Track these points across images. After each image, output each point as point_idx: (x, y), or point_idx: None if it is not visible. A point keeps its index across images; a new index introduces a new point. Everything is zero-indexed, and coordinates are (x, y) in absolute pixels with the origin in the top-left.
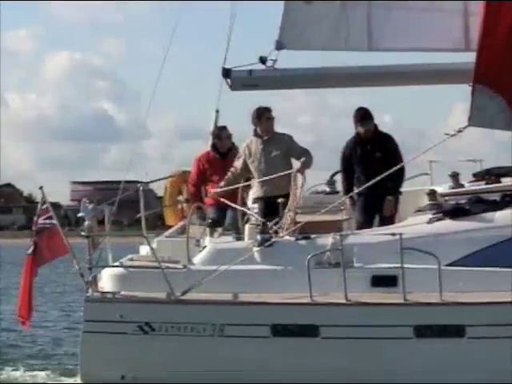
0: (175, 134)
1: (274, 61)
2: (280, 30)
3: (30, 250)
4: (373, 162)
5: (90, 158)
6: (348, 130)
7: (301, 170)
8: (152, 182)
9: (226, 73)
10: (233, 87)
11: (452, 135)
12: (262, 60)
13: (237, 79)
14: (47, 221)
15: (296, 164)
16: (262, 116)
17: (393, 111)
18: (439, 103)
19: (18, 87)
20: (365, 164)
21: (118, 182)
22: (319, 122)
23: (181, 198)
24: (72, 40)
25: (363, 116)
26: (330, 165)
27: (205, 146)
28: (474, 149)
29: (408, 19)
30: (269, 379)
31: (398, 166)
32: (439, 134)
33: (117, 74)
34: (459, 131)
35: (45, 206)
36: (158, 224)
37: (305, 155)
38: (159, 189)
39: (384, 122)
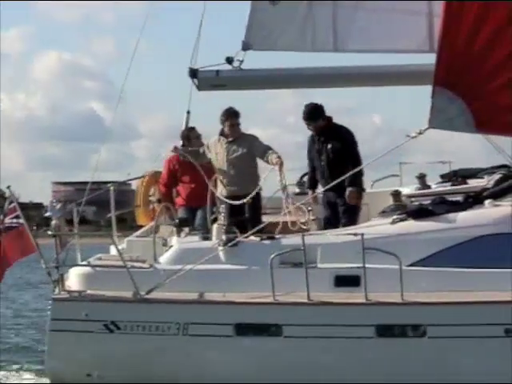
0: (165, 134)
1: (241, 61)
2: (246, 31)
3: None
4: (325, 155)
5: (80, 158)
6: None
7: (277, 161)
8: (124, 182)
9: (193, 73)
10: (200, 87)
11: (413, 137)
12: (229, 60)
13: (204, 79)
14: (14, 220)
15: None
16: (227, 120)
17: (382, 112)
18: (429, 104)
19: (7, 87)
20: (319, 158)
21: (100, 183)
22: None
23: (152, 198)
24: (61, 40)
25: (305, 117)
26: None
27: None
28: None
29: (373, 21)
30: (232, 378)
31: (363, 165)
32: (429, 135)
33: (106, 74)
34: (420, 133)
35: (12, 205)
36: (133, 225)
37: (271, 151)
38: None
39: (373, 122)
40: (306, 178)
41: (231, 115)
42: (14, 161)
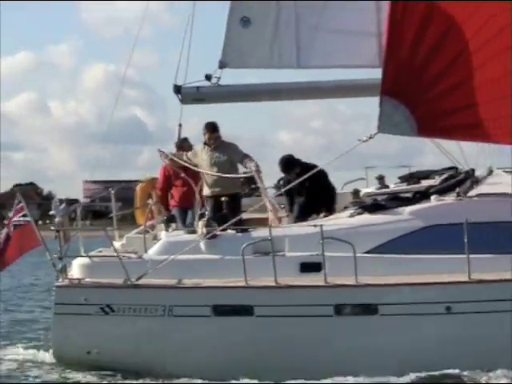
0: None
1: (218, 78)
2: (222, 51)
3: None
4: (304, 193)
5: (125, 159)
6: (355, 133)
7: (256, 171)
8: (130, 182)
9: (177, 89)
10: (183, 102)
11: (364, 141)
12: (208, 77)
13: (186, 95)
14: (21, 218)
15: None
16: (206, 133)
17: None
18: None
19: (60, 96)
20: (299, 194)
21: (125, 181)
22: (330, 127)
23: (150, 201)
24: (106, 53)
25: (282, 170)
26: (339, 166)
27: None
28: None
29: (331, 41)
30: (212, 354)
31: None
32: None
33: (147, 84)
34: (370, 137)
35: (20, 206)
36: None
37: (248, 158)
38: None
39: None
40: (281, 182)
41: (209, 129)
42: (66, 163)
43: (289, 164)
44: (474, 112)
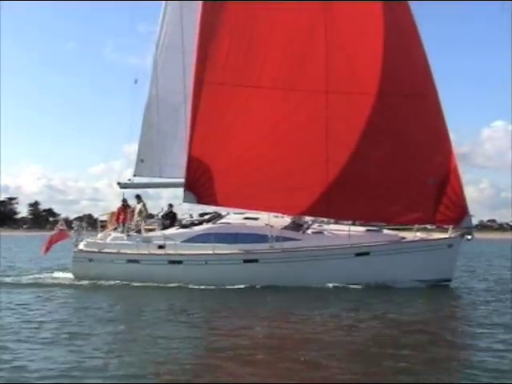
0: None
1: (133, 180)
2: (134, 170)
3: (53, 233)
4: (169, 219)
5: None
6: None
7: (139, 213)
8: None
9: (118, 183)
10: (120, 187)
11: (179, 204)
12: (129, 179)
13: (121, 186)
14: (61, 227)
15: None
16: (136, 199)
17: None
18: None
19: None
20: (167, 218)
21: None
22: None
23: (113, 220)
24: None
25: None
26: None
27: None
28: None
29: (172, 167)
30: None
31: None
32: None
33: None
34: (181, 204)
35: (61, 223)
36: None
37: (144, 209)
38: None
39: None
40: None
41: (136, 197)
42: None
43: (169, 206)
44: (222, 198)
